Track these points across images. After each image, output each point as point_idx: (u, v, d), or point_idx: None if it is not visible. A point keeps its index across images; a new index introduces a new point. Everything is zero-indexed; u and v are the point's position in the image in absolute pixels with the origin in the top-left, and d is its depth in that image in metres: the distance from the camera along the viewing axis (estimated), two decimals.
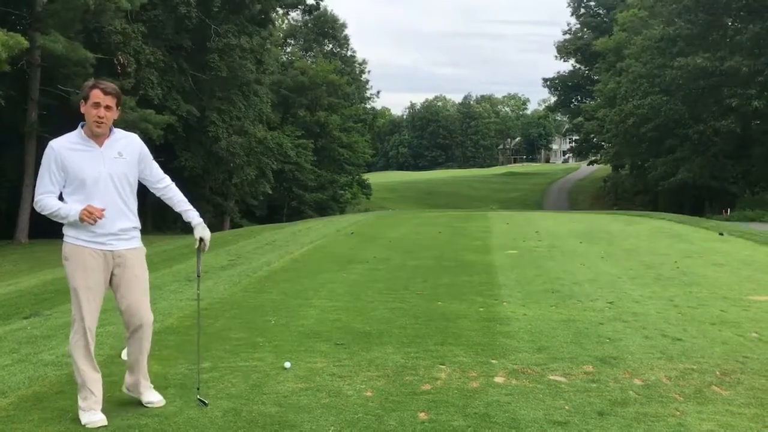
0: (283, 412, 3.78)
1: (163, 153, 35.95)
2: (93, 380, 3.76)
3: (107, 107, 3.71)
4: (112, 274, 3.81)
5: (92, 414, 3.67)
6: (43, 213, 3.74)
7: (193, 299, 7.24)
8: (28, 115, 26.46)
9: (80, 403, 3.72)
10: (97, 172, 3.72)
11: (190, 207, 4.04)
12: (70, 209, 3.67)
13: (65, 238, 3.77)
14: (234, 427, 3.58)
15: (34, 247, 24.20)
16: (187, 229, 4.15)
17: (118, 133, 3.86)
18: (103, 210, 3.67)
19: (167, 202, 4.07)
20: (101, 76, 26.79)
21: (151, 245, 21.01)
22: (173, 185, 4.08)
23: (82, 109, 3.72)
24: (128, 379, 4.02)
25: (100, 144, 3.77)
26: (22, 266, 19.41)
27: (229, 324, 6.04)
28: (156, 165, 4.02)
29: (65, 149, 3.71)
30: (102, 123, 3.72)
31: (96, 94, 3.68)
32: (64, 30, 24.66)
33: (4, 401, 4.02)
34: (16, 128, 27.42)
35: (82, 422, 3.63)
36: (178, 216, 4.15)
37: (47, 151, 3.72)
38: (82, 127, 3.79)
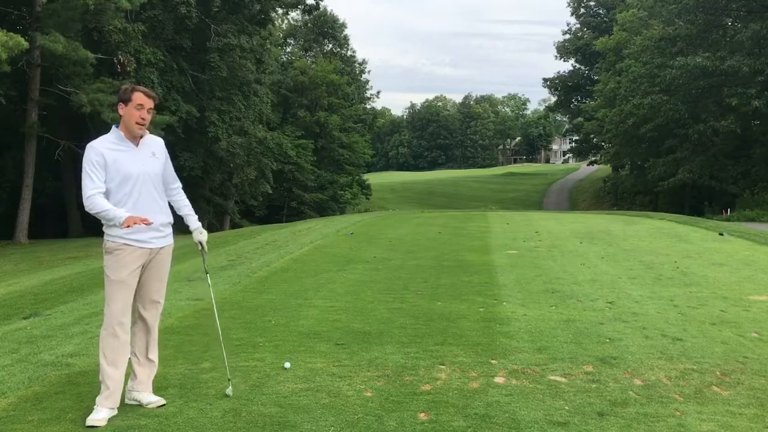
0: (283, 413, 3.78)
1: None
2: (110, 375, 3.81)
3: (149, 110, 3.89)
4: (144, 267, 3.97)
5: (96, 411, 3.73)
6: (91, 211, 3.81)
7: (193, 299, 7.25)
8: (28, 115, 26.42)
9: (98, 397, 3.80)
10: (137, 171, 3.87)
11: (191, 212, 4.24)
12: (116, 214, 3.76)
13: (108, 237, 3.88)
14: (234, 428, 3.57)
15: (34, 247, 24.19)
16: (186, 229, 4.25)
17: (148, 134, 4.03)
18: (146, 219, 3.81)
19: (173, 203, 4.24)
20: (101, 76, 26.85)
21: None
22: (182, 190, 4.29)
23: (121, 111, 3.85)
24: (131, 381, 4.01)
25: (137, 144, 3.92)
26: (22, 266, 19.39)
27: (229, 324, 6.04)
28: (172, 168, 4.20)
29: (105, 149, 3.82)
30: (144, 125, 3.89)
31: (140, 97, 3.85)
32: (64, 30, 24.62)
33: (4, 401, 4.01)
34: (16, 128, 27.39)
35: (88, 418, 3.69)
36: (178, 216, 4.24)
37: (88, 152, 3.83)
38: (116, 128, 3.91)
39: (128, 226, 3.75)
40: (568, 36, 68.48)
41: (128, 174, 3.83)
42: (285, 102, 54.89)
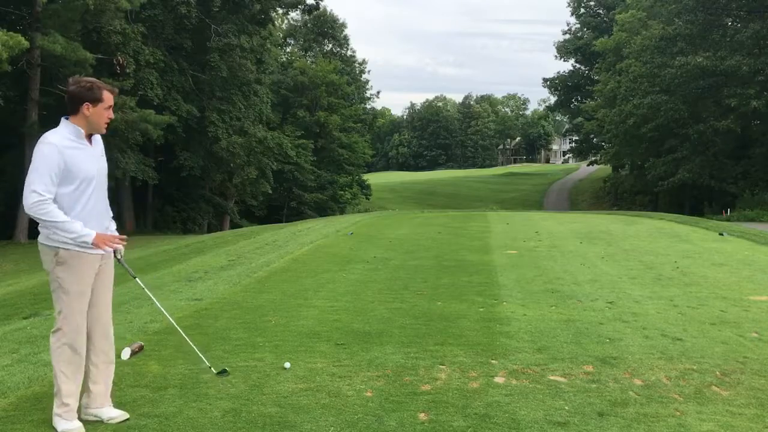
0: (283, 413, 3.78)
1: (163, 153, 36.00)
2: (71, 391, 3.62)
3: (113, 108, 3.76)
4: (96, 275, 3.76)
5: (69, 423, 3.59)
6: (40, 217, 3.48)
7: (193, 299, 7.25)
8: (28, 115, 26.46)
9: (56, 409, 3.61)
10: (94, 171, 3.66)
11: (112, 221, 3.99)
12: (74, 228, 3.51)
13: (58, 244, 3.56)
14: (234, 427, 3.57)
15: (34, 247, 24.13)
16: (187, 229, 4.21)
17: None
18: (121, 238, 3.73)
19: None
20: (101, 76, 26.83)
21: (150, 245, 20.97)
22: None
23: (89, 111, 3.58)
24: (87, 397, 3.76)
25: (90, 142, 3.69)
26: (22, 266, 19.40)
27: (229, 324, 6.04)
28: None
29: (66, 147, 3.53)
30: (108, 125, 3.73)
31: (110, 97, 3.67)
32: (63, 30, 24.66)
33: (3, 401, 4.01)
34: (16, 128, 27.42)
35: (58, 430, 3.55)
36: (177, 216, 4.19)
37: (47, 148, 3.49)
38: (68, 121, 3.63)
39: (97, 246, 3.55)
40: (568, 36, 68.51)
41: (88, 175, 3.59)
42: (285, 102, 54.92)
